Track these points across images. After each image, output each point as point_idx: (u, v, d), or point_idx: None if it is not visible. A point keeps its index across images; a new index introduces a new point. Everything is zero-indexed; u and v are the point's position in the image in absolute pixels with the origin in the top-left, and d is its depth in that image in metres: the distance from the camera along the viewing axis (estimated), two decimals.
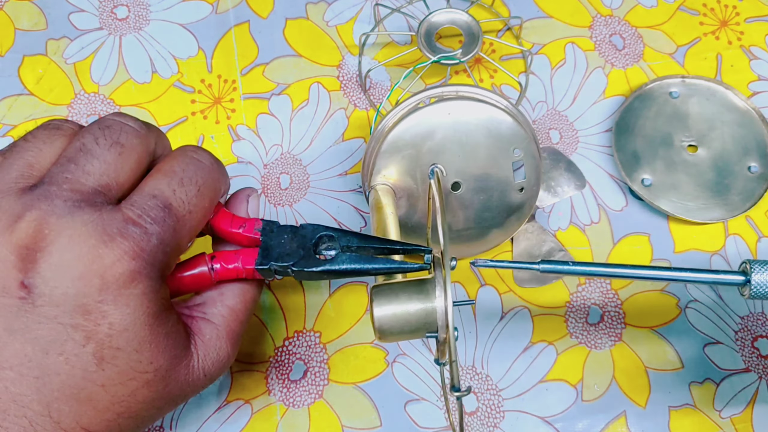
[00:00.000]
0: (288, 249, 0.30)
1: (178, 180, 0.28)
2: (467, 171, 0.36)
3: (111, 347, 0.25)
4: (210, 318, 0.30)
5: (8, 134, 0.45)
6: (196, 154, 0.29)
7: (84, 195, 0.26)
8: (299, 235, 0.30)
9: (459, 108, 0.35)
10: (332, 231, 0.30)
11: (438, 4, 0.47)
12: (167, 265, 0.27)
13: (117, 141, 0.27)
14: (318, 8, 0.49)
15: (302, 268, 0.29)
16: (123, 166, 0.27)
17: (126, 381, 0.26)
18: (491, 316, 0.40)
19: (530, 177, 0.37)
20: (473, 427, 0.38)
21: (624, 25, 0.49)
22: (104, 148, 0.27)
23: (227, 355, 0.30)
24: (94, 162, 0.26)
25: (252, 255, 0.30)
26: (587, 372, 0.39)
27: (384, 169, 0.36)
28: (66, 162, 0.26)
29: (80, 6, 0.49)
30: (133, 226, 0.25)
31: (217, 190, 0.30)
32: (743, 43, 0.48)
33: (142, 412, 0.27)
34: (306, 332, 0.40)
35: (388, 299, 0.28)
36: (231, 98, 0.46)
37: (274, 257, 0.30)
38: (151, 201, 0.26)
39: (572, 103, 0.46)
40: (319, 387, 0.39)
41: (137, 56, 0.47)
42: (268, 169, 0.44)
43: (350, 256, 0.29)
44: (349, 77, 0.47)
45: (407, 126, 0.35)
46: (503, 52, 0.48)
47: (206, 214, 0.29)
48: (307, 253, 0.30)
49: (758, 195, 0.42)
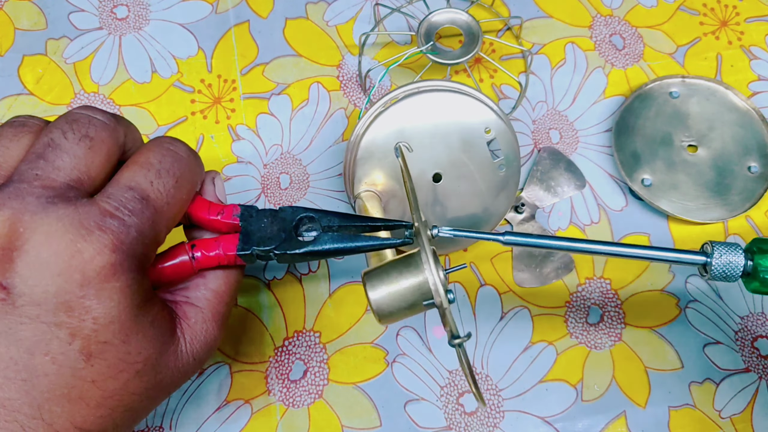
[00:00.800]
0: (269, 233, 0.29)
1: (155, 171, 0.27)
2: (445, 161, 0.37)
3: (98, 342, 0.25)
4: (194, 302, 0.29)
5: None
6: (173, 146, 0.29)
7: (56, 190, 0.25)
8: (279, 218, 0.30)
9: (420, 102, 0.36)
10: (312, 212, 0.30)
11: (438, 4, 0.47)
12: (146, 256, 0.27)
13: (86, 134, 0.27)
14: (318, 8, 0.49)
15: (285, 251, 0.29)
16: (93, 160, 0.27)
17: (116, 374, 0.25)
18: (491, 316, 0.40)
19: (507, 152, 0.37)
20: (473, 427, 0.38)
21: (624, 25, 0.49)
22: (73, 142, 0.26)
23: (214, 336, 0.30)
24: (63, 156, 0.26)
25: (232, 241, 0.29)
26: (587, 372, 0.39)
27: (365, 177, 0.36)
28: (35, 158, 0.26)
29: (80, 6, 0.49)
30: (111, 219, 0.25)
31: (195, 181, 0.30)
32: (743, 43, 0.48)
33: (136, 404, 0.27)
34: (306, 332, 0.40)
35: (380, 280, 0.28)
36: (231, 98, 0.46)
37: (255, 242, 0.29)
38: (128, 193, 0.26)
39: (572, 103, 0.46)
40: (319, 387, 0.39)
41: (137, 56, 0.47)
42: (268, 169, 0.44)
43: (332, 236, 0.29)
44: (349, 77, 0.47)
45: (376, 131, 0.36)
46: (503, 52, 0.48)
47: (184, 205, 0.29)
48: (288, 235, 0.29)
49: (758, 195, 0.42)
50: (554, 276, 0.41)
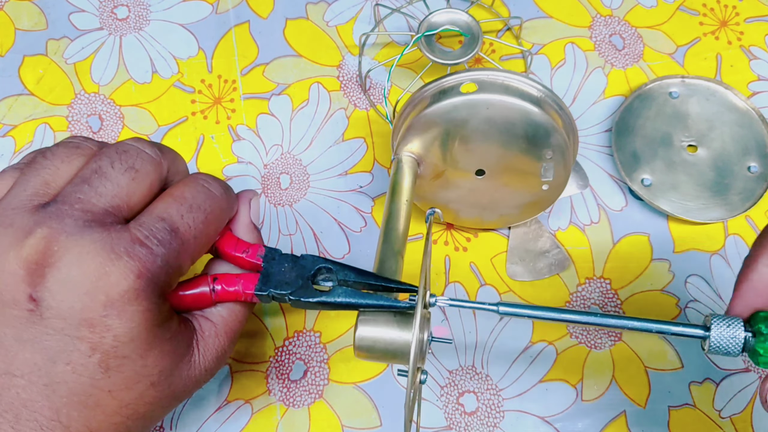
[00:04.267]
0: (287, 278, 0.31)
1: (188, 206, 0.29)
2: (494, 162, 0.36)
3: (116, 356, 0.26)
4: (209, 317, 0.31)
5: (8, 134, 0.45)
6: (207, 183, 0.30)
7: (95, 215, 0.27)
8: (299, 265, 0.31)
9: (497, 102, 0.34)
10: (331, 264, 0.31)
11: (438, 4, 0.47)
12: (169, 284, 0.28)
13: (132, 166, 0.28)
14: (318, 8, 0.49)
15: (299, 298, 0.30)
16: (135, 190, 0.28)
17: (132, 385, 0.27)
18: (491, 315, 0.40)
19: (558, 176, 0.37)
20: (473, 427, 0.38)
21: (624, 25, 0.49)
22: (119, 172, 0.28)
23: (224, 350, 0.31)
24: (107, 184, 0.27)
25: (252, 280, 0.31)
26: (587, 372, 0.39)
27: (411, 140, 0.36)
28: (80, 182, 0.27)
29: (80, 6, 0.49)
30: (140, 247, 0.26)
31: (223, 219, 0.31)
32: (743, 43, 0.48)
33: (149, 413, 0.28)
34: (306, 332, 0.40)
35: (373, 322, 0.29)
36: (231, 98, 0.46)
37: (273, 284, 0.31)
38: (159, 224, 0.27)
39: (572, 103, 0.46)
40: (319, 387, 0.39)
41: (137, 56, 0.47)
42: (268, 169, 0.44)
43: (346, 291, 0.30)
44: (349, 77, 0.47)
45: (444, 108, 0.34)
46: (503, 52, 0.48)
47: (210, 240, 0.30)
48: (304, 283, 0.31)
49: (758, 195, 0.42)
50: (547, 272, 0.41)
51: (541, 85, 0.34)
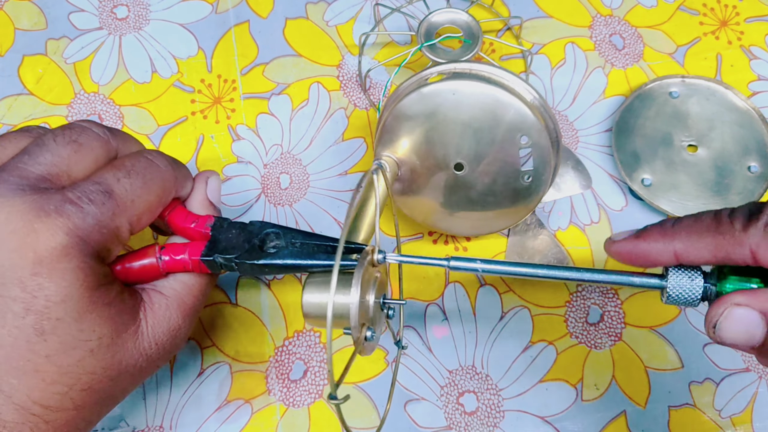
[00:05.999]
0: (234, 243, 0.31)
1: (125, 171, 0.29)
2: (471, 153, 0.35)
3: (50, 318, 0.26)
4: (160, 289, 0.31)
5: None
6: (152, 156, 0.31)
7: (30, 180, 0.27)
8: (247, 231, 0.32)
9: (463, 87, 0.34)
10: (278, 228, 0.31)
11: (438, 4, 0.47)
12: (104, 246, 0.28)
13: (75, 140, 0.29)
14: (318, 8, 0.49)
15: (244, 261, 0.30)
16: (77, 162, 0.29)
17: (69, 350, 0.26)
18: (491, 315, 0.40)
19: (538, 166, 0.36)
20: (473, 426, 0.38)
21: (624, 24, 0.49)
22: (60, 144, 0.29)
23: (178, 325, 0.31)
24: (46, 154, 0.28)
25: (200, 247, 0.31)
26: (587, 372, 0.39)
27: (388, 143, 0.36)
28: (21, 154, 0.28)
29: (80, 6, 0.49)
30: (70, 205, 0.27)
31: (167, 189, 0.31)
32: (743, 43, 0.48)
33: (95, 384, 0.28)
34: (306, 332, 0.40)
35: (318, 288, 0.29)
36: (231, 98, 0.46)
37: (219, 250, 0.31)
38: (93, 186, 0.28)
39: (572, 102, 0.46)
40: (319, 387, 0.39)
41: (137, 56, 0.47)
42: (268, 168, 0.44)
43: (292, 251, 0.30)
44: (349, 77, 0.47)
45: (412, 100, 0.34)
46: (503, 51, 0.48)
47: (151, 207, 0.30)
48: (251, 247, 0.31)
49: (758, 195, 0.42)
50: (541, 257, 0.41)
51: (508, 71, 0.35)
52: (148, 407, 0.38)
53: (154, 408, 0.38)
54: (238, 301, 0.40)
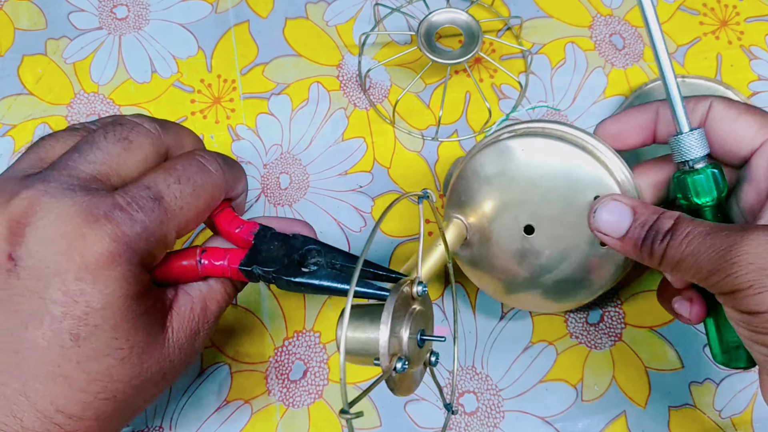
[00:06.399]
0: (275, 255, 0.30)
1: (176, 177, 0.28)
2: (542, 214, 0.33)
3: (87, 324, 0.25)
4: (188, 290, 0.30)
5: (8, 134, 0.45)
6: (204, 159, 0.30)
7: (81, 180, 0.27)
8: (289, 244, 0.31)
9: (533, 145, 0.32)
10: (320, 245, 0.30)
11: (438, 4, 0.47)
12: (150, 253, 0.27)
13: (125, 137, 0.28)
14: (318, 8, 0.49)
15: (281, 276, 0.30)
16: (127, 160, 0.28)
17: (101, 357, 0.26)
18: (491, 316, 0.40)
19: None
20: (473, 427, 0.38)
21: (624, 24, 0.49)
22: (110, 142, 0.28)
23: (198, 328, 0.30)
24: (97, 153, 0.28)
25: (240, 256, 0.30)
26: (587, 372, 0.39)
27: (456, 202, 0.34)
28: (72, 152, 0.28)
29: (80, 6, 0.49)
30: (119, 211, 0.26)
31: (217, 196, 0.30)
32: (743, 43, 0.48)
33: (119, 393, 0.27)
34: (306, 332, 0.40)
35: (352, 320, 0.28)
36: (231, 98, 0.46)
37: (259, 261, 0.30)
38: (143, 191, 0.27)
39: (572, 102, 0.46)
40: (319, 387, 0.38)
41: (137, 56, 0.47)
42: (268, 168, 0.44)
43: (330, 273, 0.29)
44: (349, 77, 0.47)
45: (479, 159, 0.33)
46: (503, 51, 0.48)
47: (199, 213, 0.30)
48: (290, 262, 0.30)
49: None
50: None
51: (583, 131, 0.33)
52: (147, 407, 0.38)
53: (153, 408, 0.38)
54: (238, 301, 0.40)
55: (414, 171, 0.44)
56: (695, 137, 0.30)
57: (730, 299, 0.26)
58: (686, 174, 0.30)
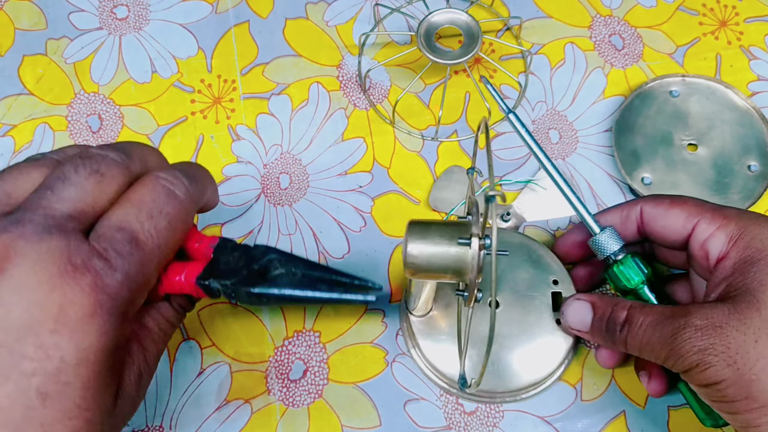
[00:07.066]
0: (233, 267, 0.29)
1: (147, 212, 0.27)
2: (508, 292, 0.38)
3: (58, 383, 0.24)
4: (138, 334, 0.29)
5: (8, 134, 0.45)
6: (169, 183, 0.28)
7: (56, 220, 0.25)
8: (249, 255, 0.29)
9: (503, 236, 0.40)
10: (281, 254, 0.29)
11: (438, 4, 0.47)
12: (132, 301, 0.26)
13: (97, 170, 0.27)
14: (318, 8, 0.49)
15: (239, 288, 0.28)
16: (101, 194, 0.27)
17: (66, 420, 0.24)
18: None
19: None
20: (473, 426, 0.38)
21: (623, 25, 0.49)
22: (83, 177, 0.27)
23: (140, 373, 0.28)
24: (70, 189, 0.26)
25: (198, 269, 0.29)
26: (587, 372, 0.39)
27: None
28: (43, 189, 0.26)
29: (80, 6, 0.49)
30: (98, 259, 0.25)
31: (189, 220, 0.29)
32: (743, 43, 0.48)
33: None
34: (306, 332, 0.40)
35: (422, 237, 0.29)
36: (231, 98, 0.46)
37: (217, 274, 0.29)
38: (118, 234, 0.26)
39: (572, 103, 0.46)
40: (319, 387, 0.38)
41: (137, 56, 0.47)
42: (268, 169, 0.44)
43: (292, 281, 0.28)
44: (348, 77, 0.47)
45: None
46: (503, 52, 0.48)
47: (176, 246, 0.29)
48: (250, 273, 0.29)
49: (758, 194, 0.42)
50: None
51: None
52: (147, 407, 0.38)
53: (153, 408, 0.38)
54: (239, 301, 0.40)
55: (414, 171, 0.44)
56: (608, 235, 0.35)
57: (687, 376, 0.30)
58: (612, 266, 0.35)
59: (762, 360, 0.28)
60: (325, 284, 0.29)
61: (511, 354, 0.37)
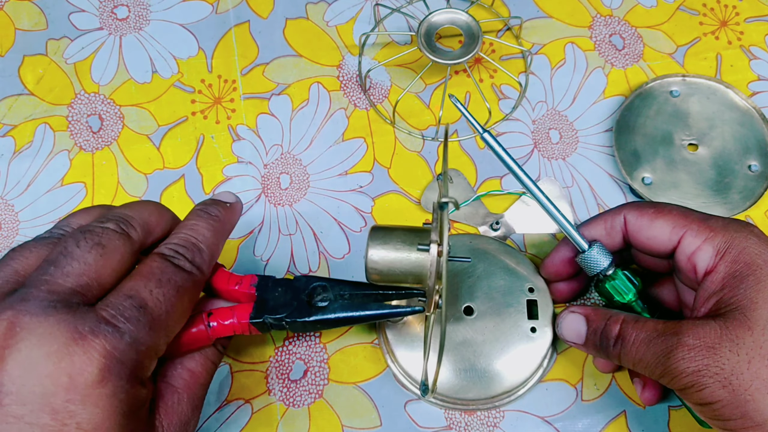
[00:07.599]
0: (282, 301, 0.31)
1: (156, 280, 0.28)
2: (483, 297, 0.38)
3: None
4: (172, 382, 0.30)
5: (8, 134, 0.45)
6: (176, 259, 0.29)
7: (61, 295, 0.26)
8: (293, 287, 0.31)
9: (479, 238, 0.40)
10: (325, 281, 0.31)
11: (438, 4, 0.47)
12: (141, 363, 0.26)
13: (98, 243, 0.28)
14: (318, 8, 0.49)
15: (295, 319, 0.30)
16: (104, 267, 0.27)
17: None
18: None
19: (543, 318, 0.38)
20: (473, 426, 0.38)
21: (624, 25, 0.49)
22: (84, 250, 0.27)
23: (188, 419, 0.29)
24: (73, 263, 0.27)
25: (247, 310, 0.31)
26: (587, 372, 0.39)
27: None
28: (46, 265, 0.27)
29: (80, 6, 0.49)
30: (106, 325, 0.25)
31: (199, 288, 0.30)
32: (743, 43, 0.48)
33: None
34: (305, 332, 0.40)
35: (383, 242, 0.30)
36: (231, 98, 0.46)
37: (267, 310, 0.30)
38: (126, 301, 0.26)
39: (572, 103, 0.46)
40: (319, 387, 0.38)
41: (137, 56, 0.47)
42: (268, 169, 0.44)
43: (342, 304, 0.30)
44: (349, 77, 0.47)
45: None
46: (503, 52, 0.48)
47: (185, 312, 0.29)
48: (300, 304, 0.31)
49: (758, 194, 0.42)
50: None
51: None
52: None
53: None
54: None
55: (414, 171, 0.44)
56: (596, 251, 0.35)
57: (682, 394, 0.30)
58: (603, 282, 0.35)
59: (756, 381, 0.28)
60: (374, 300, 0.31)
61: (486, 361, 0.37)
